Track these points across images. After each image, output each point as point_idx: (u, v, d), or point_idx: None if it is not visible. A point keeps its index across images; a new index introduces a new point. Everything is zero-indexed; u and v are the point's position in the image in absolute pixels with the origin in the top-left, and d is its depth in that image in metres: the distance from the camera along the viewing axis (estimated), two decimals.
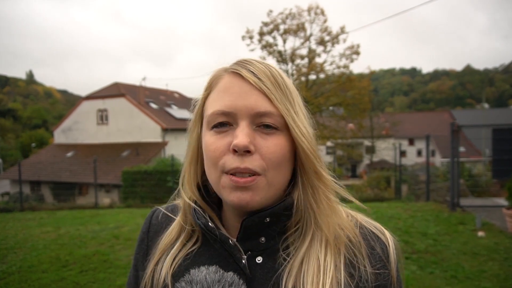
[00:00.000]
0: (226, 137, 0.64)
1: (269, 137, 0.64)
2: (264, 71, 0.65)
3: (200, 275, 0.65)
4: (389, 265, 0.65)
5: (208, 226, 0.68)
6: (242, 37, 22.71)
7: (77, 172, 20.91)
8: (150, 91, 28.10)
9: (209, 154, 0.65)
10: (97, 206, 11.48)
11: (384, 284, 0.64)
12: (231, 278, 0.65)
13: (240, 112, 0.63)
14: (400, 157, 12.95)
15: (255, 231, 0.67)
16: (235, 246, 0.67)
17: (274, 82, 0.65)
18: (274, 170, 0.63)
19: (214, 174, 0.66)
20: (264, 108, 0.63)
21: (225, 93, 0.65)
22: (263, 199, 0.64)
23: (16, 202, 13.19)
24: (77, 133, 25.84)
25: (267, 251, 0.68)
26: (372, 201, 10.44)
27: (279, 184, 0.66)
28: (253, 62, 0.67)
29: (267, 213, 0.65)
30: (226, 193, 0.64)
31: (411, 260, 4.64)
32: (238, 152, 0.61)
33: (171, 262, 0.72)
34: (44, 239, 6.58)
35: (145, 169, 13.71)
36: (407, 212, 7.64)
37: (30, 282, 4.42)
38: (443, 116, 41.61)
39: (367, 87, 22.01)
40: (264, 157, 0.63)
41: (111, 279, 4.43)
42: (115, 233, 6.71)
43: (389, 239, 0.68)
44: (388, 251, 0.66)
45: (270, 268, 0.66)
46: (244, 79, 0.64)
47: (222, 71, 0.69)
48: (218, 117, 0.65)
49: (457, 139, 7.87)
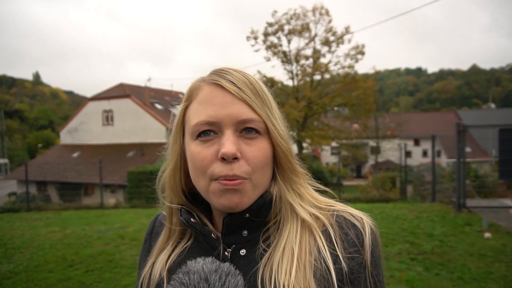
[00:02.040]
0: (212, 146, 0.67)
1: (253, 142, 0.68)
2: (243, 80, 0.68)
3: (197, 265, 0.66)
4: (363, 250, 0.67)
5: (190, 221, 0.72)
6: (247, 38, 22.73)
7: (83, 172, 21.06)
8: (155, 92, 28.24)
9: (197, 164, 0.68)
10: (103, 206, 11.55)
11: (357, 269, 0.66)
12: (228, 268, 0.66)
13: (224, 121, 0.66)
14: (406, 157, 12.89)
15: (237, 225, 0.71)
16: (217, 239, 0.71)
17: (253, 89, 0.68)
18: (258, 173, 0.68)
19: (202, 181, 0.68)
20: (247, 115, 0.67)
21: (208, 104, 0.68)
22: (250, 200, 0.68)
23: (23, 202, 13.31)
24: (83, 133, 26.02)
25: (249, 243, 0.71)
26: (377, 201, 10.41)
27: (263, 185, 0.70)
28: (231, 72, 0.69)
29: (246, 210, 0.68)
30: (216, 197, 0.67)
31: (417, 261, 4.61)
32: (227, 160, 0.65)
33: (166, 258, 0.77)
34: (50, 239, 6.63)
35: (150, 169, 13.75)
36: (413, 213, 7.59)
37: (37, 282, 4.45)
38: (449, 116, 41.31)
39: (372, 87, 21.89)
40: (250, 162, 0.66)
41: (117, 279, 4.45)
42: (120, 233, 6.74)
43: (365, 225, 0.69)
44: (363, 237, 0.67)
45: (252, 259, 0.69)
46: (225, 89, 0.67)
47: (201, 82, 0.72)
48: (202, 126, 0.67)
49: (463, 140, 7.82)
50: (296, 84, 23.31)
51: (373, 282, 0.67)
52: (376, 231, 0.70)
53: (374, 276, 0.67)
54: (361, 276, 0.66)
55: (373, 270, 0.67)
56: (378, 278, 0.68)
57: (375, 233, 0.70)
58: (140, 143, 22.81)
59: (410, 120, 39.11)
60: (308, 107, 21.82)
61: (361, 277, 0.66)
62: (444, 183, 10.86)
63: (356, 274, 0.66)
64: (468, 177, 9.69)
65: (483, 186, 10.46)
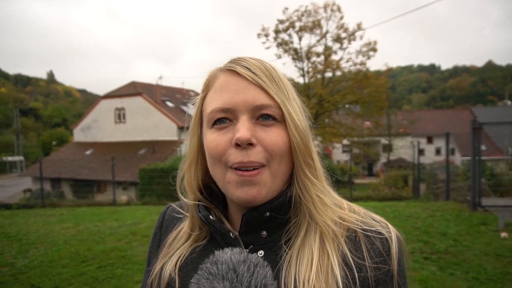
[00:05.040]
0: (228, 133, 0.65)
1: (270, 128, 0.65)
2: (258, 66, 0.67)
3: (225, 255, 0.64)
4: (389, 260, 0.65)
5: (209, 219, 0.70)
6: (258, 35, 22.68)
7: (95, 169, 21.34)
8: (166, 90, 28.40)
9: (212, 151, 0.66)
10: (115, 203, 11.68)
11: (384, 279, 0.64)
12: (256, 259, 0.63)
13: (239, 107, 0.65)
14: (419, 155, 12.70)
15: (256, 225, 0.68)
16: (236, 239, 0.69)
17: (269, 76, 0.67)
18: (277, 160, 0.65)
19: (218, 170, 0.67)
20: (262, 101, 0.65)
21: (223, 91, 0.67)
22: (269, 192, 0.65)
23: (38, 198, 13.57)
24: (96, 131, 26.36)
25: (268, 244, 0.69)
26: (390, 200, 10.29)
27: (283, 175, 0.67)
28: (247, 59, 0.69)
29: (266, 208, 0.66)
30: (233, 189, 0.65)
31: (431, 261, 4.53)
32: (241, 146, 0.63)
33: (178, 256, 0.75)
34: (64, 234, 6.73)
35: (161, 166, 13.86)
36: (426, 212, 7.48)
37: (51, 277, 4.52)
38: (463, 113, 40.58)
39: (384, 84, 21.61)
40: (267, 148, 0.64)
41: (129, 275, 4.49)
42: (132, 229, 6.81)
43: (392, 233, 0.67)
44: (389, 246, 0.66)
45: (271, 261, 0.67)
46: (240, 75, 0.66)
47: (217, 71, 0.71)
48: (217, 114, 0.66)
49: (479, 137, 7.65)
50: (307, 82, 23.18)
51: None
52: (401, 239, 0.68)
53: (400, 286, 0.66)
54: (387, 287, 0.64)
55: (399, 279, 0.66)
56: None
57: (401, 241, 0.68)
58: (152, 141, 22.99)
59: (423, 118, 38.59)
60: (319, 105, 21.68)
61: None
62: (458, 182, 10.66)
63: (382, 285, 0.64)
64: (484, 176, 9.48)
65: (499, 184, 10.22)
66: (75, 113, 74.08)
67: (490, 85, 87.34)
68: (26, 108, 69.86)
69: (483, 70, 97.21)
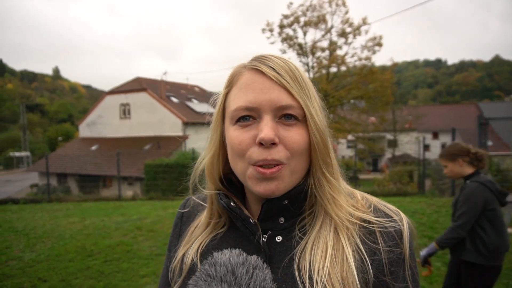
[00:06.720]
0: (251, 131, 0.68)
1: (292, 128, 0.68)
2: (283, 66, 0.69)
3: (223, 257, 0.65)
4: (402, 244, 0.68)
5: (231, 205, 0.74)
6: (262, 30, 22.54)
7: (101, 165, 21.46)
8: (171, 86, 28.42)
9: (235, 147, 0.69)
10: (121, 198, 11.77)
11: (397, 260, 0.67)
12: (255, 261, 0.64)
13: (263, 106, 0.67)
14: (424, 151, 12.62)
15: (275, 212, 0.72)
16: (256, 225, 0.72)
17: (293, 76, 0.69)
18: (297, 158, 0.68)
19: (240, 165, 0.70)
20: (286, 101, 0.67)
21: (247, 89, 0.69)
22: (286, 187, 0.68)
23: (44, 193, 13.71)
24: (101, 127, 26.49)
25: (285, 230, 0.73)
26: (395, 195, 10.26)
27: (301, 171, 0.70)
28: (272, 58, 0.70)
29: (285, 196, 0.69)
30: (253, 184, 0.68)
31: (436, 256, 4.51)
32: (265, 145, 0.65)
33: (199, 244, 0.78)
34: (70, 229, 6.80)
35: (166, 162, 13.90)
36: (431, 207, 7.45)
37: (57, 271, 4.58)
38: (470, 109, 40.18)
39: (390, 79, 21.43)
40: (289, 147, 0.67)
41: (134, 269, 4.53)
42: (138, 224, 6.86)
43: (403, 218, 0.71)
44: (401, 230, 0.69)
45: (288, 246, 0.71)
46: (265, 75, 0.68)
47: (241, 68, 0.73)
48: (242, 112, 0.68)
49: (485, 133, 7.60)
50: (312, 77, 23.05)
51: (411, 274, 0.68)
52: (411, 225, 0.72)
53: (412, 268, 0.69)
54: (399, 269, 0.68)
55: (411, 262, 0.69)
56: (416, 270, 0.70)
57: (411, 227, 0.71)
58: (157, 136, 23.06)
59: (428, 113, 38.24)
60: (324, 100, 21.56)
61: (399, 270, 0.68)
62: None
63: (395, 267, 0.67)
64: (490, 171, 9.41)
65: (505, 180, 10.14)
66: (81, 109, 74.52)
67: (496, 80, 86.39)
68: (32, 104, 70.39)
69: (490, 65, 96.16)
